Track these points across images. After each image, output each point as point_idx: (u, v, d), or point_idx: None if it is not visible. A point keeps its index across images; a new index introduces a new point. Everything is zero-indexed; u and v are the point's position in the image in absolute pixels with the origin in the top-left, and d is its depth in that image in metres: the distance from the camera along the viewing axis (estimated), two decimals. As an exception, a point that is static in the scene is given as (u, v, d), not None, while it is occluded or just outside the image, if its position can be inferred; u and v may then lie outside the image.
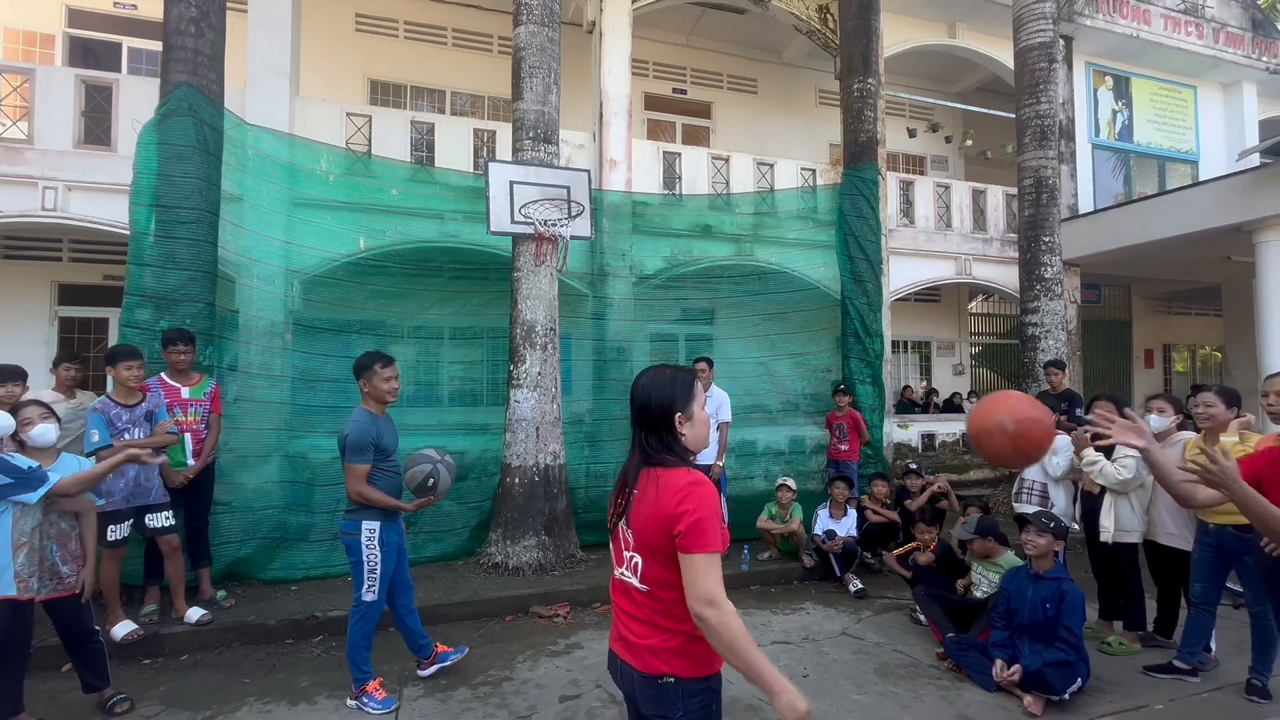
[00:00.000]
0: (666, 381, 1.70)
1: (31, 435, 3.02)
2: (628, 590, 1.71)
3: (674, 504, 1.57)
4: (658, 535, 1.60)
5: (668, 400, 1.67)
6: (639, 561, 1.66)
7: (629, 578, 1.69)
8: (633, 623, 1.69)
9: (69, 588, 3.11)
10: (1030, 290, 7.68)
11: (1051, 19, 7.66)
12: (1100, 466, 4.21)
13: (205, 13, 5.22)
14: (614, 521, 1.76)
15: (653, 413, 1.67)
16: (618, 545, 1.74)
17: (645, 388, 1.69)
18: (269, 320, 6.02)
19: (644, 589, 1.65)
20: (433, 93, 10.22)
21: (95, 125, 6.63)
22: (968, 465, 9.74)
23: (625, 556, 1.71)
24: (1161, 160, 11.98)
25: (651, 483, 1.64)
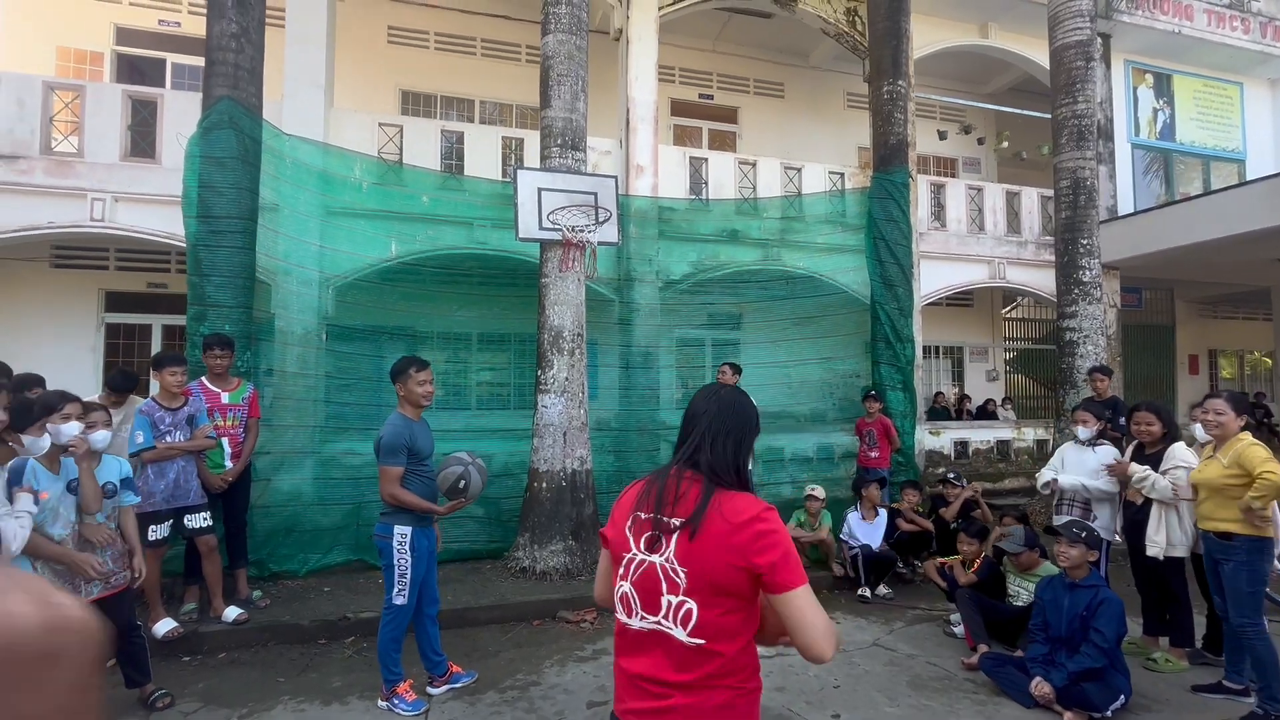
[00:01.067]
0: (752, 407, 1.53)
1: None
2: (663, 643, 1.36)
3: (751, 535, 1.34)
4: (726, 572, 1.33)
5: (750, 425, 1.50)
6: (692, 608, 1.34)
7: (670, 628, 1.35)
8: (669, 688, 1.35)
9: (115, 585, 3.22)
10: (1068, 294, 7.48)
11: (1089, 16, 7.48)
12: (1151, 480, 4.05)
13: (245, 29, 5.38)
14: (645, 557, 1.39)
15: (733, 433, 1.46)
16: (647, 586, 1.38)
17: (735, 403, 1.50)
18: (304, 324, 6.17)
19: (695, 643, 1.33)
20: (462, 102, 10.39)
21: (140, 138, 6.88)
22: (1002, 474, 9.50)
23: (664, 602, 1.36)
24: (1206, 159, 11.59)
25: (724, 507, 1.37)
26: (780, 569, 1.32)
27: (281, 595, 4.92)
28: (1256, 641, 3.39)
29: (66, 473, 2.97)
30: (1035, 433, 10.06)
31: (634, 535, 1.44)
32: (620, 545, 1.46)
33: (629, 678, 1.41)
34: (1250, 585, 3.42)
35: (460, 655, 4.00)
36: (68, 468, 2.98)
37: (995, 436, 9.91)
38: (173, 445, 4.20)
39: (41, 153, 6.53)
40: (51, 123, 6.66)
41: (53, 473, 2.88)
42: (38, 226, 6.54)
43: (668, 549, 1.37)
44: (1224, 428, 3.54)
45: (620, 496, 1.55)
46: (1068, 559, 3.65)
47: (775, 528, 1.36)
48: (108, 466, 3.27)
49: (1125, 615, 3.54)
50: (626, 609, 1.42)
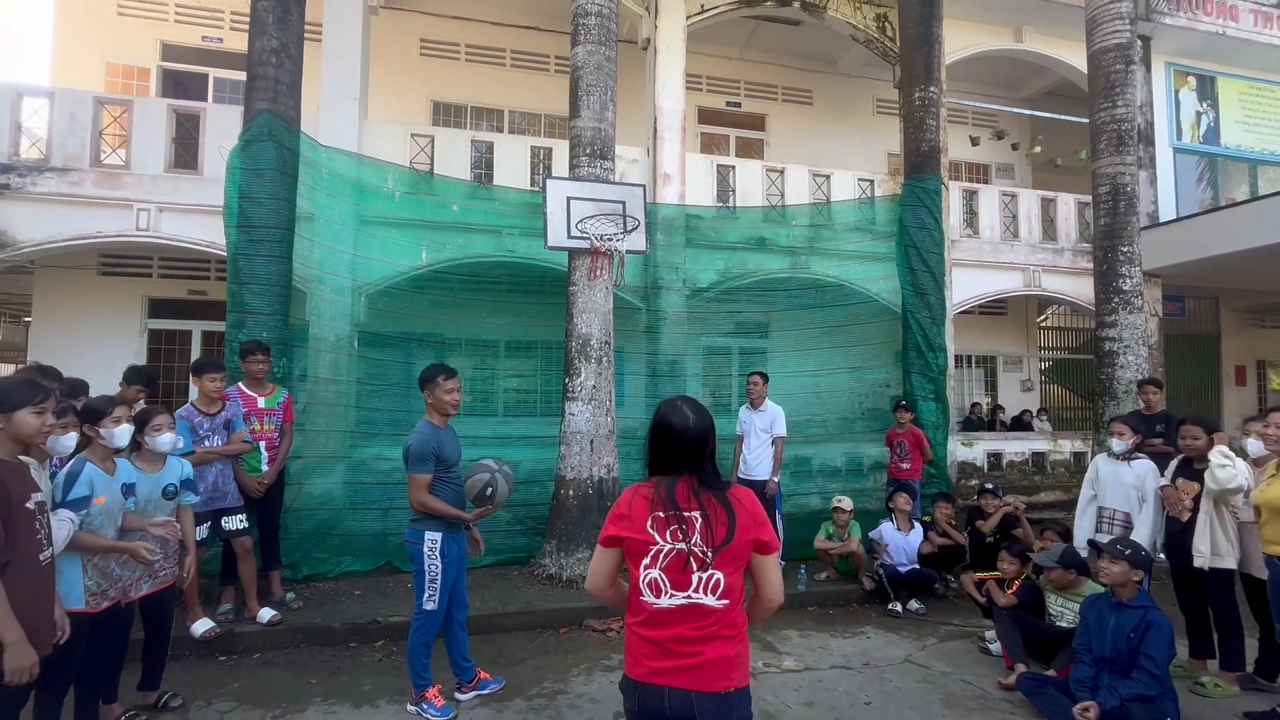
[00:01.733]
0: (708, 414, 1.87)
1: (158, 441, 3.25)
2: (693, 613, 1.71)
3: (758, 514, 1.79)
4: (744, 546, 1.75)
5: (712, 431, 1.86)
6: (721, 578, 1.71)
7: (701, 598, 1.71)
8: (698, 645, 1.70)
9: (164, 581, 3.32)
10: (1107, 303, 7.28)
11: (1129, 19, 7.31)
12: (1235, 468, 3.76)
13: (285, 44, 5.54)
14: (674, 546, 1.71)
15: (707, 443, 1.83)
16: (677, 567, 1.71)
17: (701, 420, 1.83)
18: (337, 331, 6.29)
19: (723, 604, 1.72)
20: (492, 112, 10.53)
21: (184, 150, 7.11)
22: (1037, 486, 9.25)
23: (696, 579, 1.71)
24: (1253, 163, 11.21)
25: (732, 500, 1.77)
26: (770, 539, 1.80)
27: (314, 597, 5.00)
28: None
29: (121, 475, 3.02)
30: (1072, 445, 9.77)
31: (657, 531, 1.74)
32: (646, 542, 1.74)
33: (654, 643, 1.72)
34: None
35: (487, 661, 4.02)
36: (123, 470, 3.05)
37: (1030, 448, 9.65)
38: (210, 450, 4.31)
39: (91, 165, 6.79)
40: (101, 136, 6.92)
41: (108, 474, 2.94)
42: (87, 236, 6.79)
43: (694, 536, 1.72)
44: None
45: (624, 504, 1.81)
46: (1110, 576, 3.52)
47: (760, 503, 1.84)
48: (170, 468, 3.38)
49: (1175, 638, 3.41)
50: (655, 592, 1.73)
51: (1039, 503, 8.78)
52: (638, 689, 1.74)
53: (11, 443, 2.26)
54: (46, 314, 8.05)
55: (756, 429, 5.94)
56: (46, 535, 2.35)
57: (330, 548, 5.59)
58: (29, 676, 2.16)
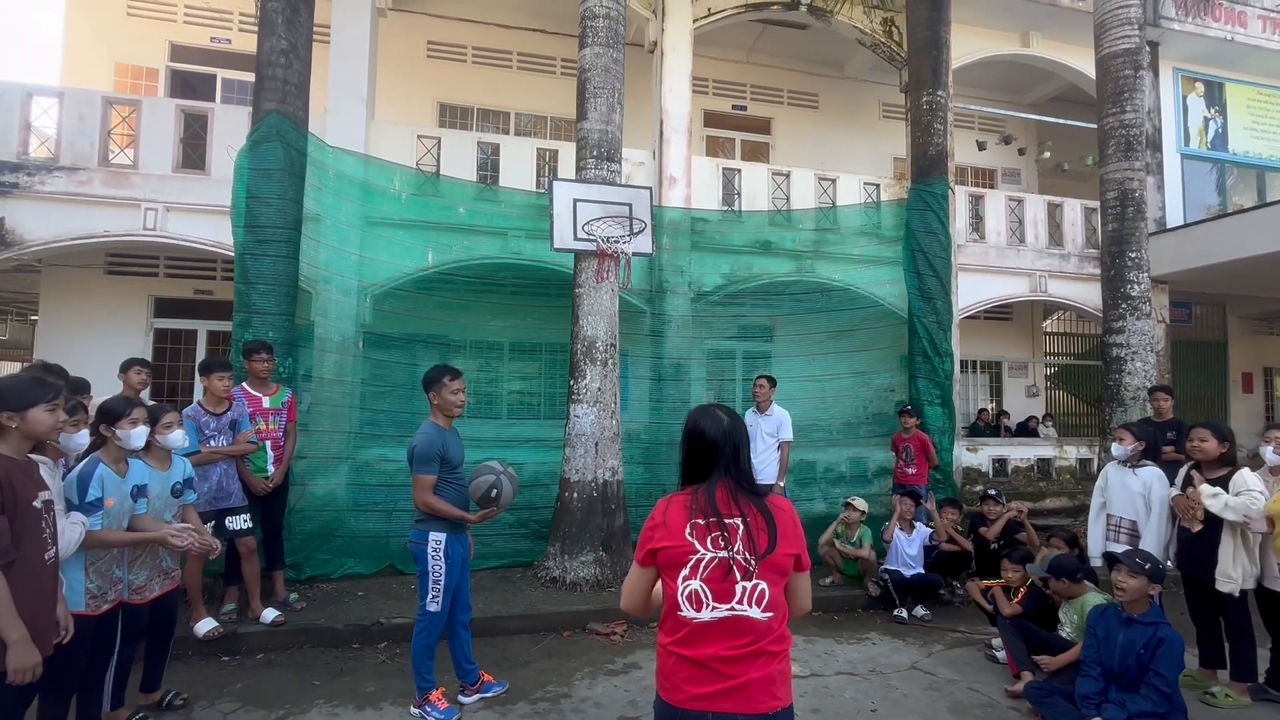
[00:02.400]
0: (742, 423, 1.84)
1: (169, 439, 3.25)
2: (736, 626, 1.61)
3: (798, 528, 1.73)
4: (785, 559, 1.68)
5: (746, 436, 1.82)
6: (765, 588, 1.62)
7: (745, 610, 1.61)
8: (741, 665, 1.60)
9: (174, 581, 3.32)
10: (1115, 309, 7.23)
11: (1137, 24, 7.27)
12: (1224, 500, 3.78)
13: (294, 45, 5.55)
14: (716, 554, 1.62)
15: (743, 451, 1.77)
16: (718, 577, 1.61)
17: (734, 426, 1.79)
18: (342, 332, 6.29)
19: (768, 617, 1.63)
20: (498, 114, 10.55)
21: (191, 150, 7.13)
22: (1043, 493, 9.20)
23: (740, 589, 1.61)
24: (1261, 170, 11.16)
25: (772, 509, 1.70)
26: (806, 555, 1.75)
27: (317, 598, 4.99)
28: None
29: (133, 477, 3.01)
30: (1078, 451, 9.73)
31: (697, 539, 1.65)
32: (684, 550, 1.65)
33: (694, 663, 1.61)
34: None
35: (491, 664, 4.00)
36: (135, 471, 3.04)
37: (1036, 454, 9.61)
38: (216, 450, 4.30)
39: (99, 164, 6.81)
40: (109, 136, 6.95)
41: (119, 475, 2.93)
42: (94, 235, 6.81)
43: (736, 543, 1.63)
44: None
45: (658, 514, 1.72)
46: (1126, 590, 3.44)
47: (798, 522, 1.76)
48: (176, 467, 3.38)
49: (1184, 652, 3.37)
50: (695, 605, 1.62)
51: (1044, 509, 8.73)
52: (675, 715, 1.62)
53: (22, 440, 2.26)
54: (53, 312, 8.07)
55: (763, 433, 5.92)
56: (52, 534, 2.34)
57: (334, 549, 5.58)
58: (32, 676, 2.15)
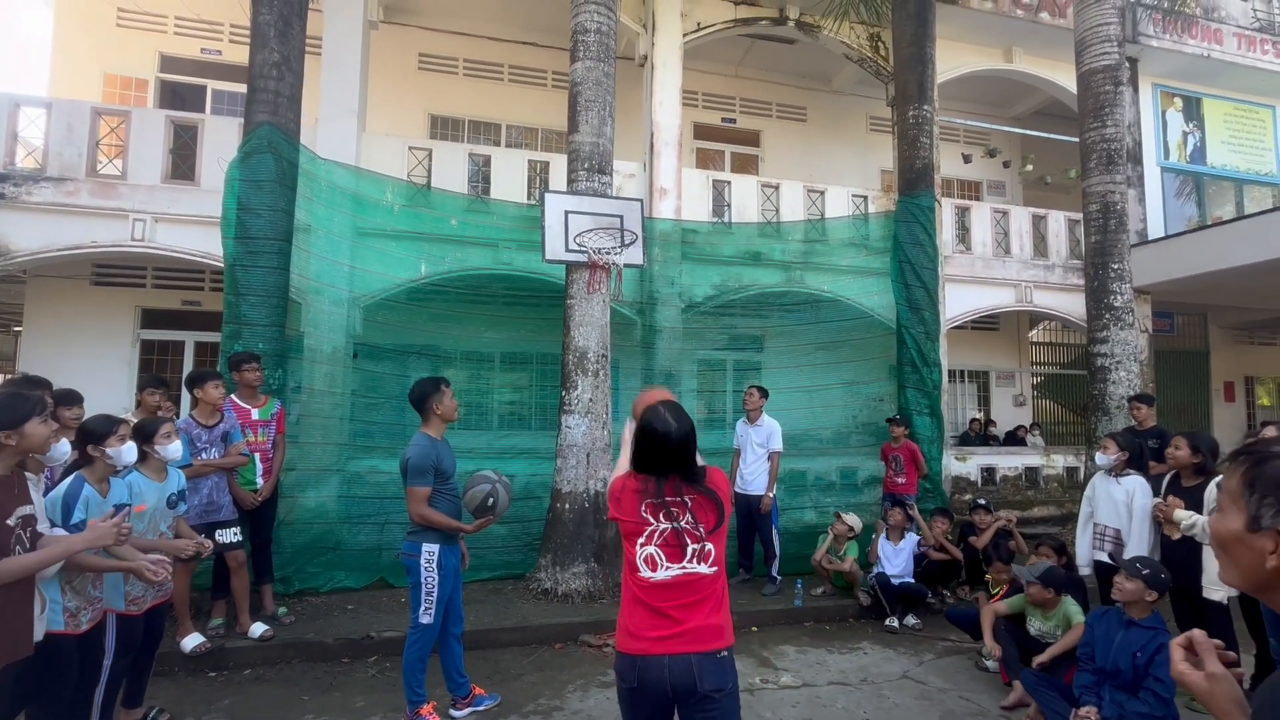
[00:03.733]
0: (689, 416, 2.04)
1: (168, 450, 3.25)
2: (688, 584, 1.93)
3: (728, 490, 2.07)
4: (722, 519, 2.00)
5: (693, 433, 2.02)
6: (711, 548, 1.96)
7: (696, 568, 1.94)
8: (692, 610, 1.92)
9: (165, 594, 3.28)
10: (1099, 319, 7.35)
11: (1117, 41, 7.44)
12: (1199, 525, 3.87)
13: (287, 58, 5.57)
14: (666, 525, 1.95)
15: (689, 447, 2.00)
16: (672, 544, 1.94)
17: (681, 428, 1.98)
18: (333, 343, 6.27)
19: (714, 570, 1.96)
20: (489, 126, 10.60)
21: (181, 161, 7.11)
22: (1030, 502, 9.28)
23: (691, 550, 1.94)
24: (1239, 183, 11.40)
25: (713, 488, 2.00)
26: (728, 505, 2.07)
27: (306, 612, 4.94)
28: None
29: (114, 495, 2.95)
30: (1065, 460, 9.83)
31: (650, 515, 1.97)
32: (641, 524, 1.97)
33: (652, 610, 1.92)
34: None
35: (482, 677, 3.97)
36: (116, 490, 2.98)
37: (1024, 463, 9.70)
38: (208, 462, 4.27)
39: (87, 175, 6.77)
40: (98, 146, 6.91)
41: (101, 495, 2.87)
42: (82, 246, 6.76)
43: (685, 516, 1.96)
44: None
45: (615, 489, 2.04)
46: (1123, 593, 3.49)
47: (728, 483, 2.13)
48: (171, 478, 3.36)
49: None
50: (651, 566, 1.94)
51: (1032, 517, 8.80)
52: (637, 664, 1.90)
53: (14, 455, 2.24)
54: (38, 323, 7.98)
55: (753, 443, 5.94)
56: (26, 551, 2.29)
57: (323, 562, 5.53)
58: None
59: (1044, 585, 4.05)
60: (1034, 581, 4.08)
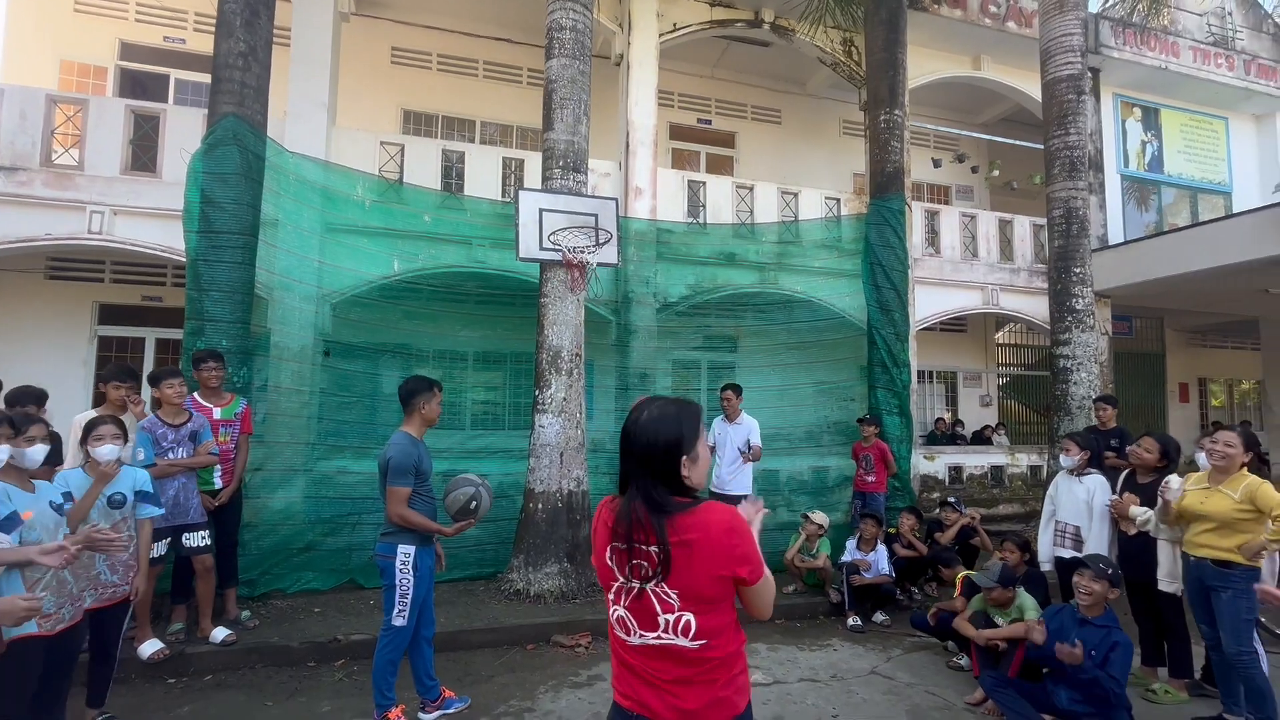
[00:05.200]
0: (673, 418, 1.51)
1: (98, 451, 3.11)
2: (667, 654, 1.49)
3: (730, 548, 1.46)
4: (714, 585, 1.47)
5: (674, 439, 1.48)
6: (690, 619, 1.46)
7: (673, 640, 1.47)
8: (682, 688, 1.48)
9: (113, 597, 3.15)
10: (1061, 322, 7.55)
11: (1080, 51, 7.65)
12: (1154, 521, 4.03)
13: (253, 47, 5.44)
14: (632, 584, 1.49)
15: (657, 454, 1.47)
16: (641, 608, 1.49)
17: (650, 425, 1.50)
18: (301, 340, 6.14)
19: (698, 645, 1.47)
20: (463, 122, 10.48)
21: (142, 152, 6.89)
22: (996, 499, 9.51)
23: (662, 620, 1.47)
24: (1193, 191, 11.82)
25: (690, 531, 1.45)
26: (754, 571, 1.49)
27: (270, 616, 4.83)
28: (1254, 670, 3.40)
29: (44, 492, 2.78)
30: (1029, 459, 10.10)
31: (616, 565, 1.52)
32: (606, 575, 1.56)
33: (637, 676, 1.52)
34: (1248, 613, 3.46)
35: (452, 679, 3.93)
36: (44, 488, 2.81)
37: (989, 462, 9.94)
38: (175, 462, 4.15)
39: (42, 165, 6.52)
40: (53, 135, 6.67)
41: (27, 491, 2.70)
42: (35, 238, 6.51)
43: (654, 575, 1.46)
44: (1231, 460, 3.57)
45: (594, 521, 1.65)
46: (1090, 594, 3.58)
47: (744, 535, 1.48)
48: (122, 477, 3.24)
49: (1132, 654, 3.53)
50: (625, 629, 1.53)
51: (997, 515, 9.02)
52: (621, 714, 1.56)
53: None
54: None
55: (732, 442, 5.95)
56: None
57: (291, 564, 5.41)
58: None
59: (1004, 586, 4.15)
60: (994, 586, 4.14)
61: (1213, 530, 3.57)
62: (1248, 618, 3.46)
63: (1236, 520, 3.47)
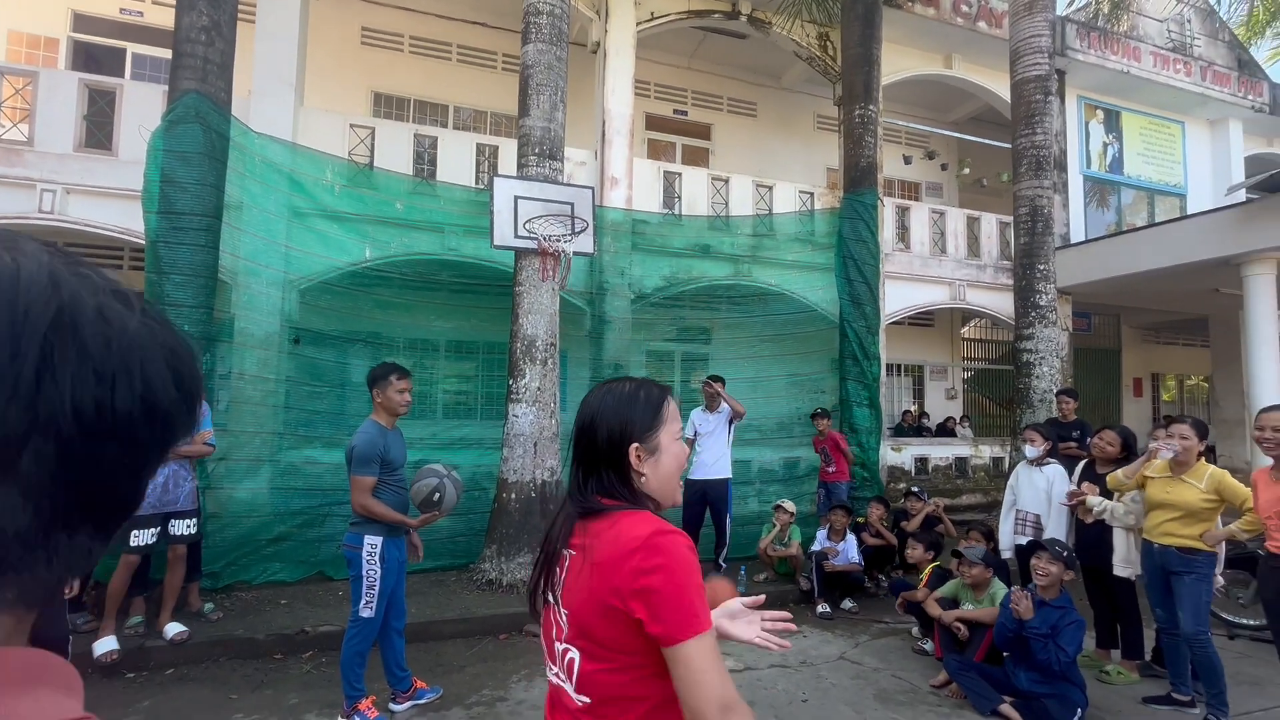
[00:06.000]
0: (623, 398, 1.20)
1: None
2: (559, 703, 1.13)
3: (632, 568, 1.03)
4: (605, 618, 1.06)
5: (620, 424, 1.16)
6: (575, 658, 1.09)
7: (561, 682, 1.13)
8: None
9: None
10: (1025, 317, 7.77)
11: (1048, 53, 7.84)
12: (1109, 509, 4.20)
13: (217, 22, 5.24)
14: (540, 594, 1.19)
15: (597, 441, 1.17)
16: (547, 631, 1.18)
17: (595, 402, 1.21)
18: (267, 327, 5.98)
19: (582, 702, 1.08)
20: (436, 106, 10.29)
21: (97, 129, 6.60)
22: (960, 489, 9.77)
23: (557, 649, 1.14)
24: (1151, 193, 12.22)
25: (598, 535, 1.10)
26: (663, 613, 1.00)
27: (235, 608, 4.72)
28: (1210, 649, 3.58)
29: None
30: (992, 450, 10.38)
31: (543, 572, 1.19)
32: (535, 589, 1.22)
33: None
34: (1207, 596, 3.66)
35: (424, 670, 3.90)
36: None
37: (954, 453, 10.19)
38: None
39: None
40: (0, 109, 6.35)
41: None
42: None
43: (559, 586, 1.14)
44: (1189, 451, 3.73)
45: None
46: (1047, 576, 3.72)
47: (661, 561, 1.03)
48: None
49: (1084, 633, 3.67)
50: (546, 655, 1.19)
51: (961, 505, 9.27)
52: None
53: None
54: (-71, 301, 7.30)
55: (714, 429, 5.98)
56: None
57: (257, 556, 5.30)
58: None
59: (985, 566, 4.29)
60: (979, 563, 4.30)
61: (1177, 519, 3.73)
62: (1207, 599, 3.66)
63: (1201, 509, 3.65)
